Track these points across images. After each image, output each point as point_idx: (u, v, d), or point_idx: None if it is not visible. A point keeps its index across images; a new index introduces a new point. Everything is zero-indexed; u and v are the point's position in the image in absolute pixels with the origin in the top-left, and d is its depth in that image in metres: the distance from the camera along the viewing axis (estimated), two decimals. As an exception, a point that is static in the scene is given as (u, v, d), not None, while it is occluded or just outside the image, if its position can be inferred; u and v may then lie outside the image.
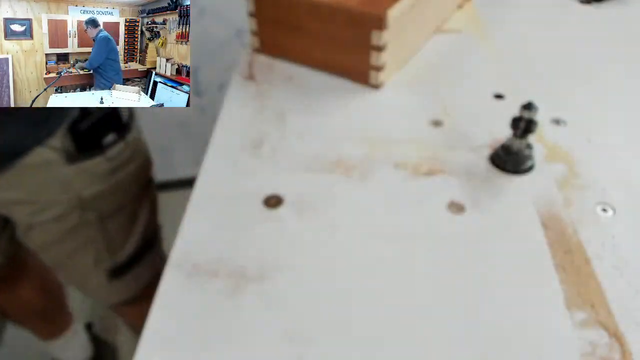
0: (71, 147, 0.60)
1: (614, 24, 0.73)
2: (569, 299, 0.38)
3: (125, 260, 0.74)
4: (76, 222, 0.65)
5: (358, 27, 0.57)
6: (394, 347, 0.36)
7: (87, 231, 0.67)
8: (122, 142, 0.65)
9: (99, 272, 0.73)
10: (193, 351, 0.36)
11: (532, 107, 0.45)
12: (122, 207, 0.69)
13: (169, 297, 0.39)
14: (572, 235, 0.43)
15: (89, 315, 1.24)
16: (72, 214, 0.64)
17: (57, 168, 0.60)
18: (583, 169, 0.49)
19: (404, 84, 0.62)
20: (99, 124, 0.62)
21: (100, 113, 0.61)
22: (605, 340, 0.35)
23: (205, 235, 0.44)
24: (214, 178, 0.49)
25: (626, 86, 0.61)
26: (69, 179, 0.61)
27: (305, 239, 0.43)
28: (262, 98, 0.60)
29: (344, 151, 0.52)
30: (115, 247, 0.72)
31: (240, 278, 0.40)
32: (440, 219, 0.45)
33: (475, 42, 0.69)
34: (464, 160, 0.50)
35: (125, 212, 0.70)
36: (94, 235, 0.68)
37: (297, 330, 0.37)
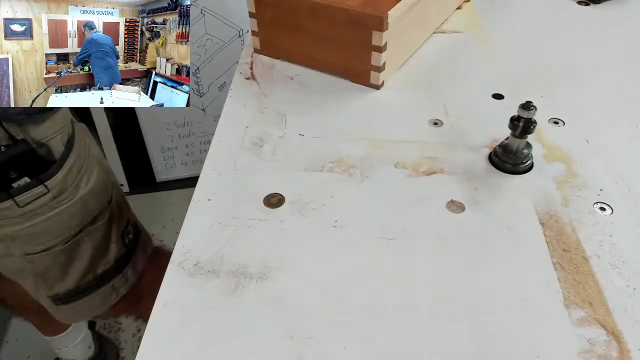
0: None
1: (612, 25, 0.74)
2: (567, 297, 0.38)
3: (66, 292, 0.68)
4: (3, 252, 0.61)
5: (358, 27, 0.57)
6: (394, 346, 0.36)
7: (14, 264, 0.63)
8: (41, 187, 0.57)
9: (42, 297, 0.68)
10: (194, 349, 0.36)
11: (531, 106, 0.45)
12: (49, 248, 0.62)
13: (171, 295, 0.39)
14: (570, 234, 0.43)
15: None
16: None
17: None
18: (581, 168, 0.49)
19: (404, 84, 0.62)
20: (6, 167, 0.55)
21: (7, 155, 0.54)
22: (603, 338, 0.36)
23: (206, 235, 0.44)
24: (215, 177, 0.50)
25: (625, 86, 0.61)
26: None
27: (305, 238, 0.43)
28: (263, 98, 0.61)
29: (344, 151, 0.52)
30: (51, 281, 0.66)
31: (242, 277, 0.40)
32: (440, 218, 0.45)
33: (475, 42, 0.70)
34: (463, 159, 0.51)
35: (56, 252, 0.63)
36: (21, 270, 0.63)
37: (297, 329, 0.37)
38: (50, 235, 0.62)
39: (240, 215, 0.45)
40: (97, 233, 0.68)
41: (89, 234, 0.66)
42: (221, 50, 1.35)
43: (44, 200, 0.59)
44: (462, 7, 0.78)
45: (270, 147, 0.53)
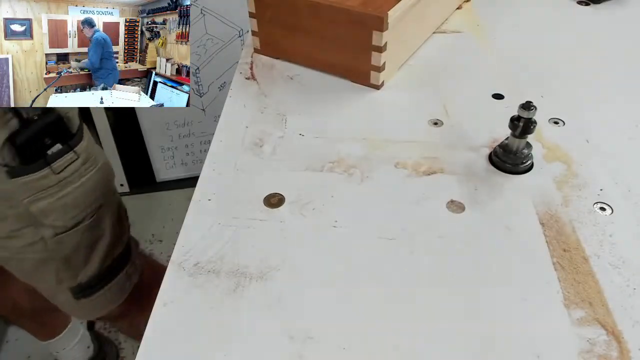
0: (12, 161, 0.56)
1: (612, 25, 0.74)
2: (567, 297, 0.38)
3: (89, 280, 0.69)
4: (31, 239, 0.62)
5: (358, 27, 0.57)
6: (394, 346, 0.36)
7: (44, 249, 0.64)
8: (71, 153, 0.61)
9: (64, 290, 0.69)
10: (195, 349, 0.36)
11: (531, 106, 0.46)
12: (78, 222, 0.65)
13: (171, 295, 0.39)
14: (570, 234, 0.43)
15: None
16: (25, 230, 0.61)
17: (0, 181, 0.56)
18: (581, 168, 0.49)
19: (404, 84, 0.62)
20: (41, 134, 0.57)
21: (42, 123, 0.57)
22: (603, 338, 0.36)
23: (206, 235, 0.44)
24: (215, 177, 0.50)
25: (624, 86, 0.61)
26: (12, 193, 0.58)
27: (305, 238, 0.43)
28: (263, 98, 0.61)
29: (344, 151, 0.52)
30: (76, 266, 0.68)
31: (242, 277, 0.40)
32: (440, 217, 0.45)
33: (474, 42, 0.70)
34: (463, 159, 0.51)
35: (83, 228, 0.66)
36: (51, 254, 0.65)
37: (297, 329, 0.37)
38: (79, 207, 0.64)
39: (240, 215, 0.45)
40: (114, 205, 0.71)
41: (108, 206, 0.69)
42: (221, 50, 1.35)
43: (75, 166, 0.62)
44: (462, 7, 0.78)
45: (270, 147, 0.53)
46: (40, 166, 0.58)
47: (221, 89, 1.42)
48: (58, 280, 0.68)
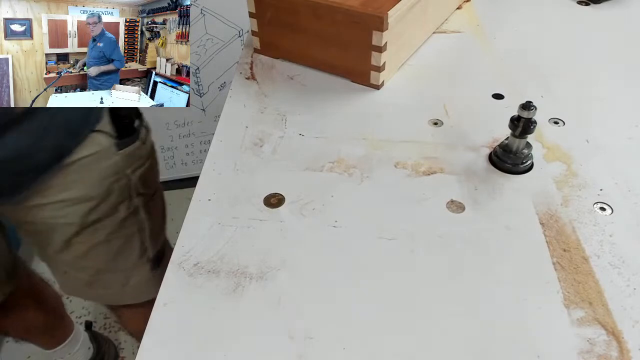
0: (114, 133, 0.61)
1: (612, 25, 0.74)
2: (567, 297, 0.38)
3: (162, 246, 0.76)
4: (125, 213, 0.67)
5: (358, 27, 0.57)
6: (393, 346, 0.36)
7: (136, 219, 0.69)
8: (143, 126, 0.68)
9: (143, 263, 0.73)
10: (194, 349, 0.36)
11: (531, 106, 0.45)
12: (157, 189, 0.73)
13: (171, 295, 0.39)
14: (570, 234, 0.43)
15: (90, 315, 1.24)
16: (123, 204, 0.66)
17: (109, 155, 0.61)
18: (581, 168, 0.49)
19: (404, 84, 0.62)
20: (127, 109, 0.63)
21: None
22: (603, 337, 0.36)
23: (206, 235, 0.44)
24: (215, 177, 0.50)
25: (624, 86, 0.61)
26: (119, 166, 0.63)
27: (305, 238, 0.43)
28: (263, 98, 0.61)
29: (344, 150, 0.52)
30: (157, 231, 0.74)
31: (242, 277, 0.40)
32: (440, 217, 0.45)
33: (475, 42, 0.70)
34: (463, 159, 0.51)
35: (160, 194, 0.74)
36: (142, 222, 0.70)
37: (297, 329, 0.37)
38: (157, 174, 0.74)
39: (240, 215, 0.45)
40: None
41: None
42: (221, 50, 1.35)
43: (150, 137, 0.70)
44: (462, 7, 0.78)
45: (270, 147, 0.53)
46: (134, 139, 0.65)
47: (221, 89, 1.42)
48: (142, 251, 0.72)
